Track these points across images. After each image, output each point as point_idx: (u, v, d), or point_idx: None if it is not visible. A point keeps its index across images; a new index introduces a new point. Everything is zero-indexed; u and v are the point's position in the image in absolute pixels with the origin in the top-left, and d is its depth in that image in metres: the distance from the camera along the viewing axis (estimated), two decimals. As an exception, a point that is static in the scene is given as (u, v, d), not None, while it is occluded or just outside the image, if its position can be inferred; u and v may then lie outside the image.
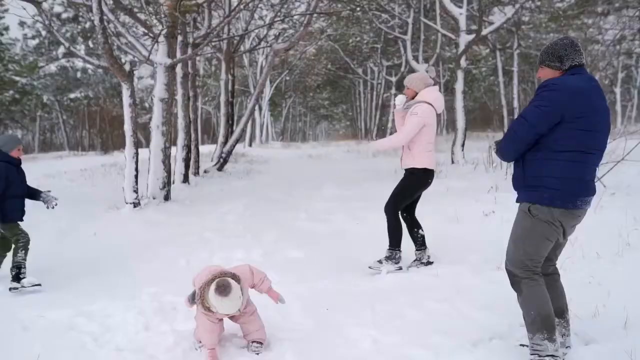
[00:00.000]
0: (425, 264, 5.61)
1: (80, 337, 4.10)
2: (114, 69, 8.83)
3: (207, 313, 3.57)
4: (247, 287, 3.71)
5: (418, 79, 5.59)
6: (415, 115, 5.36)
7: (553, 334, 3.14)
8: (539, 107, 3.05)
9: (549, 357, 3.11)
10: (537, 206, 3.13)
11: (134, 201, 9.04)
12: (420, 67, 19.19)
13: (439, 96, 5.62)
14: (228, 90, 17.51)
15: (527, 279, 3.21)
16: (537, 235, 3.17)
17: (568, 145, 3.04)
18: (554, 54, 3.19)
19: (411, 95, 5.62)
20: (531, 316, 3.19)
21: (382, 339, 3.83)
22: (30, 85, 36.26)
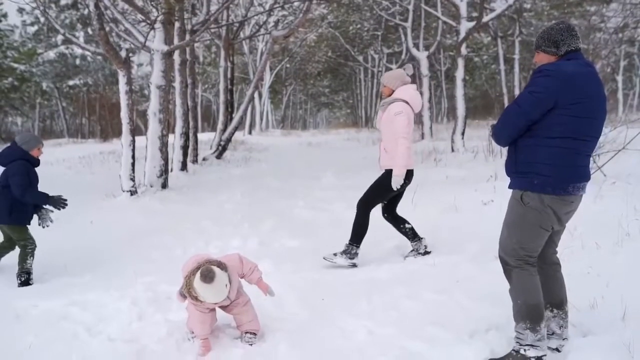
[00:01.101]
0: (423, 254, 5.57)
1: (73, 326, 4.06)
2: (110, 56, 8.75)
3: (196, 303, 3.53)
4: (235, 275, 3.66)
5: (395, 77, 5.51)
6: (401, 114, 5.28)
7: (537, 324, 3.12)
8: (532, 93, 3.00)
9: (528, 346, 3.11)
10: (528, 193, 3.10)
11: (131, 189, 8.99)
12: (420, 54, 19.07)
13: (415, 94, 5.52)
14: (227, 78, 17.42)
15: (518, 268, 3.19)
16: (530, 223, 3.14)
17: (561, 132, 3.00)
18: (549, 39, 3.14)
19: (388, 93, 5.55)
20: (518, 305, 3.19)
21: (378, 330, 3.79)
22: (29, 72, 36.10)
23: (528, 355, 3.10)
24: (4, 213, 5.33)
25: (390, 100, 5.43)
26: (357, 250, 5.43)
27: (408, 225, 5.62)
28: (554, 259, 3.42)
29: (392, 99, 5.43)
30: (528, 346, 3.11)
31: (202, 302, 3.49)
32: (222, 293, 3.44)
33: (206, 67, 36.97)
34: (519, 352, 3.13)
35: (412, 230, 5.64)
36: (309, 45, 36.35)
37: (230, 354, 3.52)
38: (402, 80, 5.49)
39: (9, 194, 5.30)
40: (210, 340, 3.63)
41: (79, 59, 39.00)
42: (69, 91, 42.22)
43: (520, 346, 3.14)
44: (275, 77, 36.94)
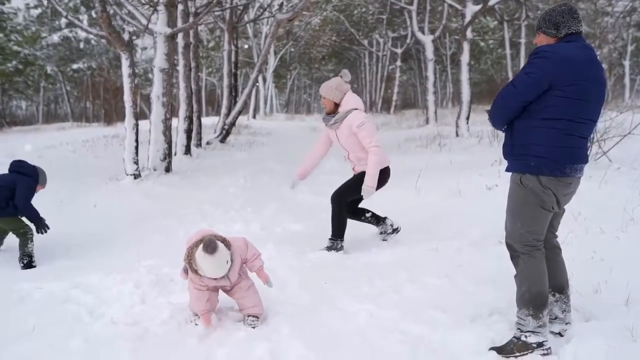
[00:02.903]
0: (392, 232, 5.56)
1: (75, 309, 4.06)
2: (112, 39, 8.70)
3: (195, 278, 3.54)
4: (238, 258, 3.64)
5: (334, 89, 5.26)
6: (364, 124, 5.12)
7: (540, 311, 3.11)
8: (528, 74, 2.99)
9: (529, 332, 3.10)
10: (527, 176, 3.09)
11: (134, 172, 8.99)
12: (426, 38, 18.92)
13: (358, 98, 5.36)
14: (231, 62, 17.37)
15: (526, 254, 3.18)
16: (532, 205, 3.12)
17: (556, 113, 2.99)
18: (550, 21, 3.13)
19: (329, 105, 5.32)
20: (521, 291, 3.18)
21: (379, 313, 3.80)
22: (33, 56, 36.03)
23: (529, 342, 3.09)
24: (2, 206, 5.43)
25: (342, 115, 5.22)
26: (342, 244, 5.37)
27: (368, 214, 5.55)
28: (554, 242, 3.41)
29: (344, 112, 5.23)
30: (529, 332, 3.10)
31: (201, 276, 3.50)
32: (222, 269, 3.44)
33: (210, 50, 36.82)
34: (520, 339, 3.12)
35: (374, 216, 5.58)
36: (313, 29, 36.15)
37: (233, 336, 3.51)
38: (343, 90, 5.28)
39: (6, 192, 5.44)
40: (210, 315, 3.63)
41: (83, 42, 38.86)
42: (73, 75, 42.17)
43: (521, 332, 3.13)
44: (279, 61, 36.80)
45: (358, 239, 5.65)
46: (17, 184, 5.46)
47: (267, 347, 3.32)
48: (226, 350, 3.31)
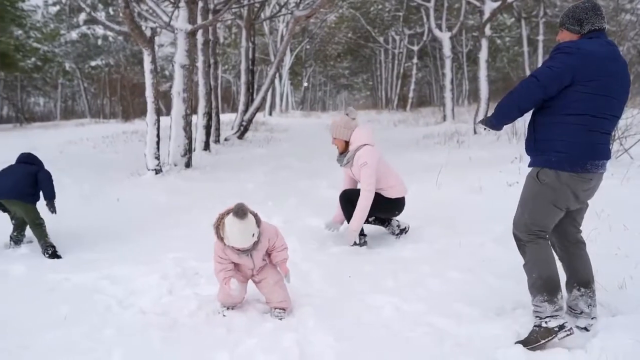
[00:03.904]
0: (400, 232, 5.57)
1: (105, 299, 4.15)
2: (135, 35, 8.79)
3: (219, 249, 3.63)
4: (266, 240, 3.68)
5: (342, 127, 5.33)
6: (365, 165, 5.14)
7: (554, 296, 3.15)
8: (551, 67, 3.01)
9: (548, 317, 3.13)
10: (545, 170, 3.12)
11: (155, 168, 9.08)
12: (443, 35, 18.86)
13: (367, 132, 5.39)
14: (249, 58, 17.44)
15: (531, 242, 3.24)
16: (544, 201, 3.16)
17: (579, 109, 3.01)
18: (574, 17, 3.15)
19: (341, 145, 5.39)
20: (533, 279, 3.23)
21: (405, 307, 3.83)
22: (51, 53, 36.37)
23: (550, 327, 3.11)
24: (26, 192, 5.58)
25: (352, 154, 5.28)
26: (364, 239, 5.42)
27: (370, 218, 5.50)
28: (578, 237, 3.43)
29: (353, 150, 5.27)
30: (548, 318, 3.13)
31: (225, 246, 3.56)
32: (247, 238, 3.48)
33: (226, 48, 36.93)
34: (541, 326, 3.14)
35: (378, 219, 5.59)
36: (329, 26, 36.17)
37: (261, 327, 3.56)
38: (350, 127, 5.32)
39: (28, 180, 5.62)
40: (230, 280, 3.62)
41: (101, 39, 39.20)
42: (91, 72, 42.51)
43: (540, 319, 3.16)
44: (295, 59, 36.86)
45: (381, 234, 5.69)
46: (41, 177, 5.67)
47: (295, 338, 3.37)
48: (255, 340, 3.36)
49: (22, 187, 5.55)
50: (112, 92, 41.72)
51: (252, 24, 17.61)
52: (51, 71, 40.43)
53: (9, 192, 5.52)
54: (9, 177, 5.59)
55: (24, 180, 5.58)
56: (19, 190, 5.53)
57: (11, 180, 5.54)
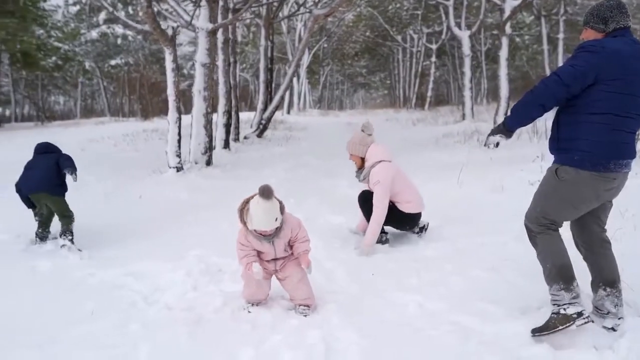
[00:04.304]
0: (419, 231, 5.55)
1: (130, 295, 4.21)
2: (157, 34, 8.86)
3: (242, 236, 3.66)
4: (288, 229, 3.71)
5: (357, 144, 5.36)
6: (378, 183, 5.16)
7: (570, 284, 3.18)
8: (574, 66, 2.99)
9: (566, 305, 3.15)
10: (565, 168, 3.12)
11: (176, 165, 9.16)
12: (462, 33, 18.76)
13: (383, 148, 5.40)
14: (267, 57, 17.49)
15: (542, 233, 3.27)
16: (559, 197, 3.17)
17: (602, 108, 2.99)
18: (598, 15, 3.14)
19: (358, 161, 5.44)
20: (547, 269, 3.26)
21: (428, 305, 3.82)
22: (72, 52, 36.76)
23: (569, 313, 3.12)
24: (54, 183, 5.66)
25: (368, 171, 5.32)
26: (386, 236, 5.41)
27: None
28: (603, 236, 3.40)
29: (369, 167, 5.31)
30: (566, 305, 3.15)
31: (248, 231, 3.60)
32: (270, 220, 3.50)
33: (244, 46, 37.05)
34: (559, 313, 3.16)
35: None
36: (346, 25, 36.14)
37: (285, 323, 3.59)
38: (366, 144, 5.35)
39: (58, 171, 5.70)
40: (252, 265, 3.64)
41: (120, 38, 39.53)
42: (110, 70, 42.89)
43: (558, 307, 3.18)
44: (312, 57, 36.86)
45: (402, 232, 5.67)
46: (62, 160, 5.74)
47: (320, 334, 3.38)
48: (280, 337, 3.39)
49: (50, 179, 5.62)
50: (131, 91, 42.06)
51: (270, 22, 17.64)
52: (71, 70, 40.87)
53: (38, 186, 5.60)
54: (35, 171, 5.67)
55: (50, 171, 5.65)
56: (47, 183, 5.60)
57: (37, 174, 5.62)
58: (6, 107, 41.80)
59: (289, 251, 3.85)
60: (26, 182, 5.67)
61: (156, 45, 39.71)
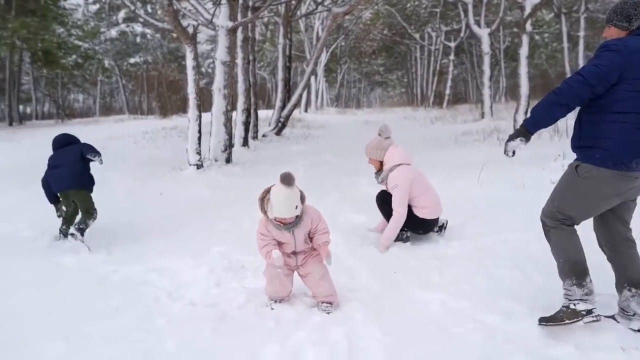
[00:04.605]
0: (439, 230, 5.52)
1: (153, 291, 4.26)
2: (178, 32, 8.93)
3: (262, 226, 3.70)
4: (308, 220, 3.73)
5: (375, 149, 5.38)
6: (396, 187, 5.16)
7: (582, 280, 3.20)
8: (598, 66, 2.97)
9: (577, 300, 3.19)
10: (586, 165, 3.11)
11: (197, 163, 9.21)
12: (482, 31, 18.64)
13: (401, 151, 5.38)
14: (286, 55, 17.50)
15: (555, 228, 3.28)
16: (576, 193, 3.18)
17: (626, 107, 2.98)
18: (622, 13, 3.11)
19: (376, 165, 5.46)
20: (560, 264, 3.29)
21: (451, 303, 3.82)
22: (92, 50, 37.08)
23: (578, 309, 3.17)
24: (82, 178, 5.75)
25: (386, 174, 5.33)
26: (407, 234, 5.41)
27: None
28: (627, 235, 3.38)
29: (386, 171, 5.32)
30: (577, 301, 3.19)
31: (268, 220, 3.63)
32: (290, 208, 3.52)
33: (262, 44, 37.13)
34: (569, 307, 3.20)
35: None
36: (364, 23, 36.05)
37: (309, 320, 3.60)
38: (383, 148, 5.36)
39: (85, 165, 5.80)
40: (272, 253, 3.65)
41: (139, 37, 39.80)
42: (129, 69, 43.21)
43: (569, 301, 3.22)
44: (330, 56, 36.82)
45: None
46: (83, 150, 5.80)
47: (343, 331, 3.40)
48: (303, 333, 3.40)
49: (79, 175, 5.72)
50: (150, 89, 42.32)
51: (289, 20, 17.66)
52: (91, 68, 41.21)
53: (69, 184, 5.67)
54: (64, 169, 5.70)
55: (78, 166, 5.73)
56: (77, 179, 5.69)
57: (67, 172, 5.67)
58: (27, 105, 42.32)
59: (309, 243, 3.85)
60: (56, 180, 5.71)
61: (174, 43, 39.99)
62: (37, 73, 37.87)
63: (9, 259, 5.14)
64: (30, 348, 3.30)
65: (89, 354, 3.24)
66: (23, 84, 37.58)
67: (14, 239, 5.82)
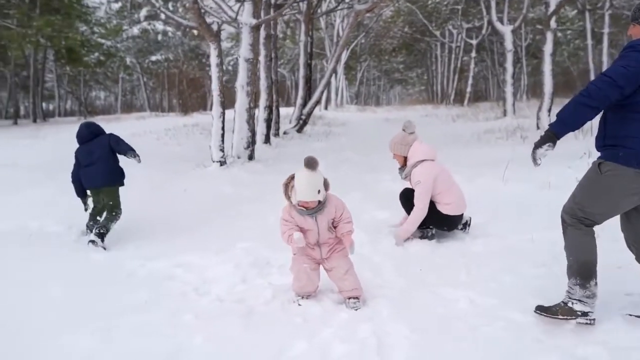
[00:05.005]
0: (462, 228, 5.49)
1: (180, 286, 4.29)
2: (202, 29, 8.98)
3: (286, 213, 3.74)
4: (332, 207, 3.75)
5: (399, 144, 5.37)
6: (419, 184, 5.16)
7: (587, 281, 3.24)
8: (626, 67, 2.93)
9: (576, 300, 3.26)
10: (609, 164, 3.09)
11: (220, 160, 9.27)
12: (505, 28, 18.48)
13: (426, 147, 5.36)
14: (307, 52, 17.51)
15: (572, 226, 3.30)
16: (598, 190, 3.17)
17: None
18: None
19: (400, 160, 5.45)
20: (570, 261, 3.34)
21: (479, 301, 3.79)
22: (114, 48, 37.45)
23: (574, 309, 3.25)
24: (114, 174, 5.77)
25: (409, 170, 5.32)
26: (432, 231, 5.38)
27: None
28: None
29: (410, 166, 5.31)
30: (576, 300, 3.26)
31: (291, 206, 3.67)
32: (313, 192, 3.57)
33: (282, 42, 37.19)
34: (567, 305, 3.29)
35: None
36: (384, 21, 35.92)
37: (336, 317, 3.60)
38: (407, 143, 5.35)
39: (115, 158, 5.80)
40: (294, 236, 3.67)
41: (161, 34, 40.06)
42: (150, 66, 43.55)
43: (569, 299, 3.30)
44: (350, 53, 36.74)
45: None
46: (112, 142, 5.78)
47: (371, 328, 3.39)
48: (332, 330, 3.40)
49: (111, 172, 5.74)
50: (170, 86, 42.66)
51: (311, 18, 17.65)
52: (113, 66, 41.65)
53: (103, 182, 5.71)
54: (96, 167, 5.69)
55: (109, 162, 5.73)
56: (109, 177, 5.73)
57: (100, 169, 5.68)
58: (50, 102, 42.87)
59: (332, 233, 3.84)
60: (89, 178, 5.72)
61: (195, 41, 40.19)
62: (60, 71, 38.42)
63: (38, 253, 5.21)
64: (64, 340, 3.35)
65: (120, 347, 3.27)
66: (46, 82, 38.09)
67: (42, 234, 5.88)
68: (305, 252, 3.86)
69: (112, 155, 5.78)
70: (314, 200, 3.61)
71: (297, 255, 3.90)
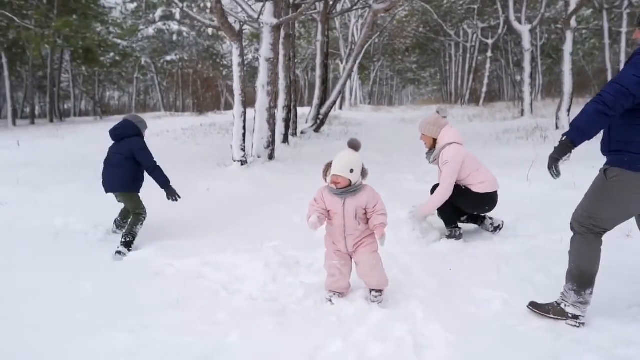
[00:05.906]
0: (494, 230, 5.46)
1: (210, 285, 4.30)
2: (225, 29, 9.00)
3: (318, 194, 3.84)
4: (364, 195, 3.78)
5: (431, 125, 5.38)
6: (447, 163, 5.17)
7: (583, 289, 3.33)
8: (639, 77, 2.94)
9: (569, 304, 3.37)
10: (614, 169, 3.12)
11: (241, 159, 9.28)
12: (523, 27, 18.37)
13: (456, 131, 5.41)
14: (323, 52, 17.49)
15: (580, 235, 3.35)
16: (605, 197, 3.19)
17: None
18: None
19: (429, 142, 5.46)
20: (571, 267, 3.41)
21: (513, 301, 3.78)
22: (130, 48, 37.66)
23: (566, 311, 3.38)
24: (126, 182, 5.62)
25: (438, 152, 5.34)
26: (460, 231, 5.37)
27: (462, 217, 5.53)
28: None
29: (439, 149, 5.32)
30: (569, 304, 3.38)
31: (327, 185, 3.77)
32: (345, 168, 3.65)
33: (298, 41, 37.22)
34: (559, 306, 3.42)
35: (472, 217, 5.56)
36: (398, 20, 35.83)
37: (370, 316, 3.59)
38: (439, 125, 5.36)
39: (132, 165, 5.62)
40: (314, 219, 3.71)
41: (175, 34, 40.17)
42: (165, 66, 43.72)
43: (562, 301, 3.42)
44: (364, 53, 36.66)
45: (476, 227, 5.62)
46: (134, 151, 5.60)
47: (406, 328, 3.39)
48: (366, 329, 3.40)
49: (122, 178, 5.57)
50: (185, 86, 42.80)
51: (327, 17, 17.62)
52: (128, 66, 41.86)
53: (114, 188, 5.65)
54: (112, 170, 5.62)
55: (122, 170, 5.57)
56: (119, 183, 5.60)
57: (114, 173, 5.59)
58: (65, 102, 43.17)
59: (359, 224, 3.83)
60: (104, 181, 5.68)
61: (209, 41, 40.31)
62: (76, 71, 38.66)
63: (65, 251, 5.25)
64: (100, 337, 3.36)
65: (156, 345, 3.28)
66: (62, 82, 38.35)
67: (67, 232, 5.90)
68: (331, 243, 3.91)
69: (130, 162, 5.60)
70: (344, 177, 3.67)
71: (327, 250, 3.95)
